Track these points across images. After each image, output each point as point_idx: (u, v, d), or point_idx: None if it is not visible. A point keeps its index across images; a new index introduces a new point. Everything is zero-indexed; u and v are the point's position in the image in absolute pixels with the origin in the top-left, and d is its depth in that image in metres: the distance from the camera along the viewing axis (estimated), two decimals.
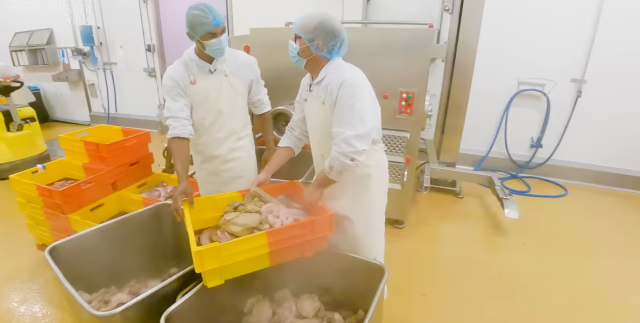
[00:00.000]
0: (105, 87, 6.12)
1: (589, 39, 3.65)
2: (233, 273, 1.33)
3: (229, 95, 1.77)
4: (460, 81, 3.21)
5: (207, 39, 1.58)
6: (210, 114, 1.75)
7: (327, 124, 1.45)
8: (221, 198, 1.61)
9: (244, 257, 1.29)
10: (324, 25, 1.35)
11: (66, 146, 2.57)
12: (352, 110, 1.33)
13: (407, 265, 2.48)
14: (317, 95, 1.47)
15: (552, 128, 4.02)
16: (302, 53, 1.42)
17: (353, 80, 1.36)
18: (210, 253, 1.23)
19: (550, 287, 2.29)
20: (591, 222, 3.20)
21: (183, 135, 1.67)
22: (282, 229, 1.36)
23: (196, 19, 1.54)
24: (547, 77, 3.86)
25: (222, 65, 1.73)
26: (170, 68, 1.71)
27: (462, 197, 3.59)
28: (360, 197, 1.55)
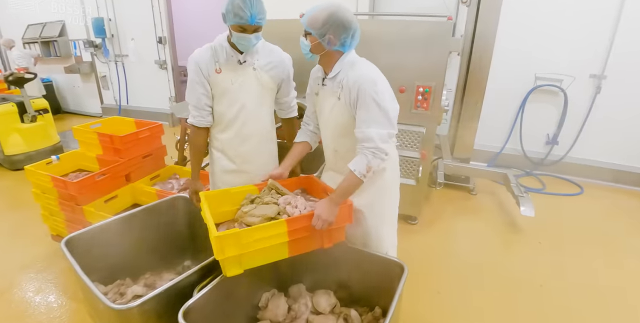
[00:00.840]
0: (116, 79, 6.15)
1: (610, 33, 3.54)
2: (253, 262, 1.31)
3: (256, 90, 1.62)
4: (476, 75, 3.14)
5: (236, 30, 1.46)
6: (232, 107, 1.61)
7: (342, 119, 1.41)
8: (237, 192, 1.58)
9: (263, 245, 1.28)
10: (333, 18, 1.29)
11: (80, 138, 2.57)
12: (378, 108, 1.30)
13: (421, 262, 2.45)
14: (332, 91, 1.42)
15: (569, 125, 3.93)
16: (314, 49, 1.36)
17: (373, 78, 1.32)
18: (231, 239, 1.21)
19: (567, 287, 2.24)
20: (608, 221, 3.12)
21: (201, 125, 1.63)
22: (301, 217, 1.35)
23: (236, 6, 1.40)
24: (565, 73, 3.76)
25: (252, 57, 1.59)
26: (197, 52, 1.58)
27: (475, 193, 3.54)
28: (373, 191, 1.52)
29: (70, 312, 1.99)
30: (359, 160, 1.33)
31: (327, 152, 1.61)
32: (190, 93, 1.61)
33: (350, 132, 1.40)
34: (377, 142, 1.30)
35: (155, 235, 1.85)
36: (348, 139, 1.43)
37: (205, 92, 1.59)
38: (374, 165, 1.33)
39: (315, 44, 1.34)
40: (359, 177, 1.33)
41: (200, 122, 1.62)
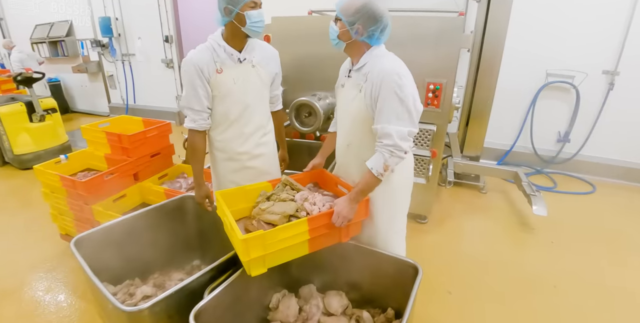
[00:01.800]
0: (124, 78, 6.16)
1: (623, 28, 3.46)
2: (275, 261, 1.33)
3: (257, 87, 1.65)
4: (487, 72, 3.08)
5: (249, 8, 1.44)
6: (236, 106, 1.61)
7: (359, 112, 1.38)
8: (251, 189, 1.58)
9: (286, 244, 1.30)
10: (366, 8, 1.28)
11: (88, 137, 2.57)
12: (400, 103, 1.26)
13: (432, 262, 2.41)
14: (355, 83, 1.39)
15: (581, 122, 3.86)
16: (341, 36, 1.34)
17: (399, 72, 1.28)
18: (257, 240, 1.23)
19: (580, 288, 2.20)
20: (622, 220, 3.06)
21: (201, 128, 1.60)
22: (321, 215, 1.36)
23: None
24: (577, 69, 3.69)
25: (250, 54, 1.60)
26: (193, 53, 1.54)
27: (485, 192, 3.49)
28: (381, 194, 1.48)
29: (80, 312, 1.99)
30: (376, 159, 1.31)
31: (340, 146, 1.58)
32: (189, 96, 1.56)
33: (366, 126, 1.38)
34: (395, 140, 1.27)
35: (163, 234, 1.84)
36: (363, 133, 1.41)
37: (206, 95, 1.56)
38: (391, 164, 1.30)
39: (343, 31, 1.33)
40: (377, 176, 1.31)
41: (202, 125, 1.59)
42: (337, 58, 2.19)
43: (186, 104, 1.58)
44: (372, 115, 1.35)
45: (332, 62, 2.42)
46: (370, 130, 1.37)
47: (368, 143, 1.39)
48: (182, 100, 1.60)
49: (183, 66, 1.55)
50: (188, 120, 1.60)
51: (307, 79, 1.83)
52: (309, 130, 2.40)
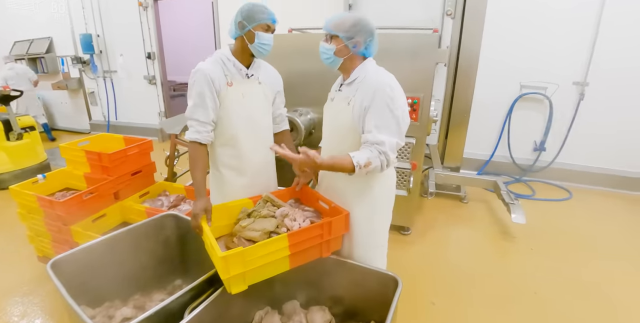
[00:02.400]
0: (105, 95, 6.12)
1: (590, 41, 3.66)
2: (256, 277, 1.32)
3: (263, 104, 1.68)
4: (464, 85, 3.19)
5: (262, 29, 1.50)
6: (244, 121, 1.61)
7: (345, 124, 1.41)
8: (233, 206, 1.58)
9: (266, 261, 1.29)
10: (362, 22, 1.33)
11: (67, 156, 2.53)
12: (391, 115, 1.29)
13: (415, 273, 2.44)
14: (345, 96, 1.42)
15: (555, 131, 4.01)
16: (339, 52, 1.37)
17: (390, 84, 1.32)
18: (236, 258, 1.22)
19: (561, 293, 2.25)
20: (598, 225, 3.17)
21: (205, 141, 1.56)
22: (301, 231, 1.37)
23: (256, 8, 1.49)
24: (549, 80, 3.86)
25: (257, 71, 1.65)
26: (204, 65, 1.53)
27: (467, 201, 3.56)
28: (363, 208, 1.50)
29: None
30: (362, 152, 1.30)
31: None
32: (196, 107, 1.53)
33: (350, 138, 1.41)
34: (387, 148, 1.29)
35: (144, 254, 1.81)
36: (347, 146, 1.43)
37: (214, 107, 1.55)
38: (373, 164, 1.29)
39: (340, 47, 1.36)
40: (354, 166, 1.26)
41: (205, 138, 1.56)
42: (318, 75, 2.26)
43: (191, 115, 1.55)
44: (358, 127, 1.37)
45: (313, 78, 2.49)
46: (355, 143, 1.39)
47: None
48: (188, 111, 1.56)
49: (193, 76, 1.53)
50: (192, 131, 1.56)
51: (289, 95, 1.86)
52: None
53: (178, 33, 6.42)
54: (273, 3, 1.89)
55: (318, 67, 1.48)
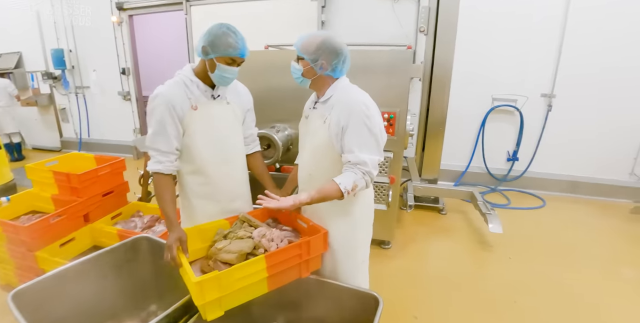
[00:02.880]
0: (77, 111, 5.94)
1: (555, 55, 3.85)
2: (233, 302, 1.27)
3: (233, 125, 1.59)
4: (438, 99, 3.27)
5: (225, 62, 1.41)
6: (214, 146, 1.53)
7: (322, 143, 1.40)
8: (208, 228, 1.53)
9: (243, 284, 1.25)
10: (326, 44, 1.32)
11: (34, 177, 2.42)
12: (370, 133, 1.31)
13: (397, 286, 2.42)
14: (321, 114, 1.42)
15: (526, 141, 4.16)
16: (306, 73, 1.38)
17: (366, 103, 1.33)
18: (212, 282, 1.17)
19: (539, 300, 2.29)
20: (571, 231, 3.26)
21: (168, 171, 1.46)
22: (279, 251, 1.33)
23: (225, 38, 1.37)
24: (519, 93, 4.01)
25: (223, 91, 1.55)
26: (164, 89, 1.43)
27: (445, 213, 3.60)
28: (343, 225, 1.50)
29: None
30: (347, 176, 1.30)
31: (302, 175, 1.57)
32: (156, 136, 1.43)
33: (328, 156, 1.40)
34: (369, 167, 1.31)
35: (116, 279, 1.73)
36: (325, 163, 1.43)
37: (176, 134, 1.45)
38: (359, 186, 1.31)
39: (307, 68, 1.36)
40: (342, 192, 1.28)
41: (168, 168, 1.46)
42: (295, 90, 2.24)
43: (151, 144, 1.45)
44: (335, 145, 1.37)
45: (290, 94, 2.49)
46: (332, 161, 1.39)
47: (330, 173, 1.39)
48: (148, 140, 1.46)
49: (151, 102, 1.43)
50: (153, 162, 1.45)
51: (266, 111, 1.85)
52: (268, 163, 2.40)
53: (153, 47, 6.34)
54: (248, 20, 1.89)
55: (295, 83, 1.47)
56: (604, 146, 3.96)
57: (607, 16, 3.60)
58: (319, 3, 4.23)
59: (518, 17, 3.83)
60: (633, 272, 2.62)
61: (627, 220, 3.46)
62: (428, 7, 3.10)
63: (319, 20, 4.27)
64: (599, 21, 3.64)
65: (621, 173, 4.00)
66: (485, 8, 3.87)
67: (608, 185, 3.99)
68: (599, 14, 3.62)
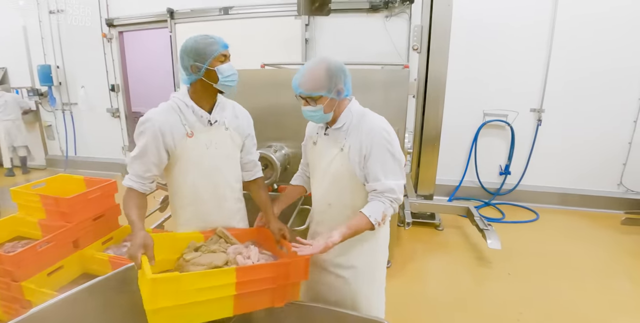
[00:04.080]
0: (64, 128, 5.81)
1: (542, 72, 3.96)
2: (189, 319, 1.11)
3: (230, 151, 1.49)
4: (432, 115, 3.30)
5: (219, 62, 1.33)
6: (209, 174, 1.44)
7: (342, 171, 1.35)
8: (180, 238, 1.42)
9: (205, 297, 1.10)
10: (332, 69, 1.25)
11: (19, 200, 2.31)
12: (393, 159, 1.29)
13: (397, 306, 2.36)
14: (335, 141, 1.36)
15: (518, 155, 4.22)
16: (327, 108, 1.28)
17: (387, 129, 1.30)
18: (169, 284, 1.04)
19: (543, 317, 2.27)
20: (565, 244, 3.30)
21: (142, 191, 1.39)
22: (253, 267, 1.23)
23: (202, 42, 1.32)
24: (509, 108, 4.09)
25: (221, 116, 1.45)
26: (155, 113, 1.35)
27: (442, 229, 3.59)
28: (366, 251, 1.46)
29: None
30: (376, 207, 1.27)
31: (319, 205, 1.49)
32: (136, 160, 1.36)
33: (348, 185, 1.35)
34: (397, 194, 1.28)
35: (109, 312, 1.64)
36: (344, 192, 1.38)
37: (158, 163, 1.38)
38: (388, 214, 1.29)
39: (327, 103, 1.28)
40: (373, 224, 1.25)
41: (142, 188, 1.39)
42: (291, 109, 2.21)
43: (130, 165, 1.38)
44: (356, 172, 1.32)
45: (287, 113, 2.47)
46: (354, 190, 1.35)
47: (351, 202, 1.37)
48: (128, 160, 1.39)
49: (139, 126, 1.35)
50: (128, 179, 1.38)
51: (262, 130, 1.80)
52: (267, 183, 2.35)
53: (144, 64, 6.30)
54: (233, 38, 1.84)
55: (291, 101, 1.41)
56: (593, 158, 4.05)
57: (593, 33, 3.74)
58: (302, 21, 4.28)
59: (506, 35, 3.95)
60: (629, 285, 2.65)
61: (618, 231, 3.50)
62: (421, 26, 3.16)
63: (303, 38, 4.32)
64: (584, 39, 3.77)
65: (610, 184, 4.08)
66: (474, 26, 3.96)
67: (598, 196, 4.06)
68: (584, 31, 3.76)
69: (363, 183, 1.34)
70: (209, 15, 4.62)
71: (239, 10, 4.47)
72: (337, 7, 3.91)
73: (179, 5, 4.70)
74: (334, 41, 4.32)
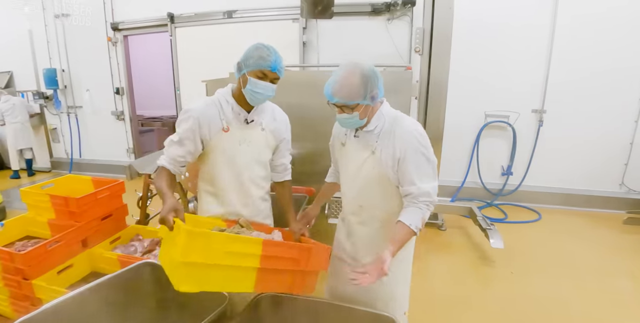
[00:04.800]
0: (69, 131, 5.86)
1: (544, 73, 4.00)
2: (211, 283, 1.14)
3: (263, 152, 1.53)
4: (434, 117, 3.32)
5: (256, 76, 1.37)
6: (238, 169, 1.48)
7: (374, 176, 1.36)
8: (204, 221, 1.46)
9: (231, 262, 1.13)
10: (366, 75, 1.23)
11: (29, 201, 2.36)
12: (428, 162, 1.29)
13: None
14: (366, 144, 1.36)
15: (520, 156, 4.24)
16: (363, 114, 1.28)
17: (421, 132, 1.30)
18: (201, 238, 1.07)
19: (547, 316, 2.29)
20: (568, 244, 3.31)
21: (174, 172, 1.43)
22: (279, 243, 1.27)
23: (257, 51, 1.36)
24: (510, 109, 4.12)
25: (259, 116, 1.49)
26: (199, 107, 1.41)
27: (444, 229, 3.60)
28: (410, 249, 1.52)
29: None
30: (414, 214, 1.27)
31: (351, 205, 1.51)
32: (175, 144, 1.41)
33: (380, 187, 1.37)
34: (433, 197, 1.29)
35: (118, 310, 1.66)
36: (377, 196, 1.39)
37: (193, 151, 1.43)
38: (426, 218, 1.30)
39: (364, 109, 1.27)
40: (415, 231, 1.26)
41: (174, 170, 1.44)
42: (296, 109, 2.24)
43: (167, 148, 1.44)
44: (390, 176, 1.33)
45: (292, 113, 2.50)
46: (386, 193, 1.37)
47: (383, 204, 1.39)
48: (168, 142, 1.44)
49: (182, 114, 1.42)
50: (163, 159, 1.42)
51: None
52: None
53: (148, 66, 6.36)
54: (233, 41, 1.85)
55: (295, 102, 1.44)
56: (594, 159, 4.07)
57: (594, 33, 3.78)
58: (300, 24, 4.34)
59: (507, 35, 3.98)
60: (631, 284, 2.67)
61: (621, 231, 3.51)
62: (422, 29, 3.19)
63: (301, 41, 4.38)
64: (584, 39, 3.81)
65: (612, 184, 4.09)
66: (475, 27, 3.99)
67: (600, 196, 4.07)
68: (584, 31, 3.79)
69: (395, 186, 1.35)
70: (209, 19, 4.70)
71: (243, 14, 4.54)
72: (340, 11, 3.96)
73: (183, 9, 4.76)
74: (337, 44, 4.37)
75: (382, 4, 4.08)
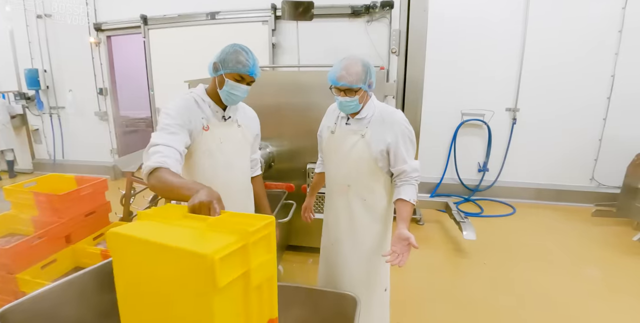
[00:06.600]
0: (51, 132, 5.82)
1: (516, 72, 4.17)
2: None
3: (243, 148, 1.58)
4: (412, 115, 3.44)
5: (233, 79, 1.38)
6: (221, 168, 1.49)
7: (363, 156, 1.55)
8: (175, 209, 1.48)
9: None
10: (366, 64, 1.45)
11: (12, 199, 2.39)
12: (412, 145, 1.54)
13: None
14: (356, 129, 1.56)
15: (495, 153, 4.41)
16: (361, 99, 1.48)
17: (404, 118, 1.54)
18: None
19: (515, 304, 2.41)
20: (539, 236, 3.47)
21: (174, 168, 1.20)
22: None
23: (236, 55, 1.37)
24: (485, 108, 4.28)
25: (234, 113, 1.54)
26: (181, 102, 1.39)
27: (422, 223, 3.74)
28: (381, 230, 1.66)
29: None
30: (409, 190, 1.53)
31: (339, 186, 1.65)
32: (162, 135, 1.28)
33: (367, 167, 1.56)
34: (419, 171, 1.54)
35: (102, 300, 1.73)
36: (363, 174, 1.58)
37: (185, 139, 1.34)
38: (417, 190, 1.55)
39: (362, 93, 1.47)
40: (414, 204, 1.52)
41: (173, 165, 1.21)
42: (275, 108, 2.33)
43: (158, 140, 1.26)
44: (376, 156, 1.53)
45: (269, 112, 2.59)
46: (371, 171, 1.57)
47: (368, 182, 1.59)
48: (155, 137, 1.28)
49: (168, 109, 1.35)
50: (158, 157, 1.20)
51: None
52: None
53: (132, 68, 6.35)
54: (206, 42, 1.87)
55: (274, 101, 1.53)
56: (565, 155, 4.26)
57: (562, 33, 3.96)
58: (269, 26, 4.45)
59: (481, 35, 4.14)
60: (598, 272, 2.82)
61: (590, 224, 3.69)
62: (399, 30, 3.32)
63: (270, 42, 4.49)
64: (554, 40, 4.00)
65: (582, 179, 4.29)
66: (450, 28, 4.15)
67: (570, 191, 4.27)
68: (554, 31, 3.98)
69: (379, 166, 1.56)
70: (183, 21, 4.80)
71: (219, 16, 4.65)
72: (321, 13, 4.07)
73: (162, 11, 4.81)
74: (317, 45, 4.47)
75: (362, 7, 4.21)
